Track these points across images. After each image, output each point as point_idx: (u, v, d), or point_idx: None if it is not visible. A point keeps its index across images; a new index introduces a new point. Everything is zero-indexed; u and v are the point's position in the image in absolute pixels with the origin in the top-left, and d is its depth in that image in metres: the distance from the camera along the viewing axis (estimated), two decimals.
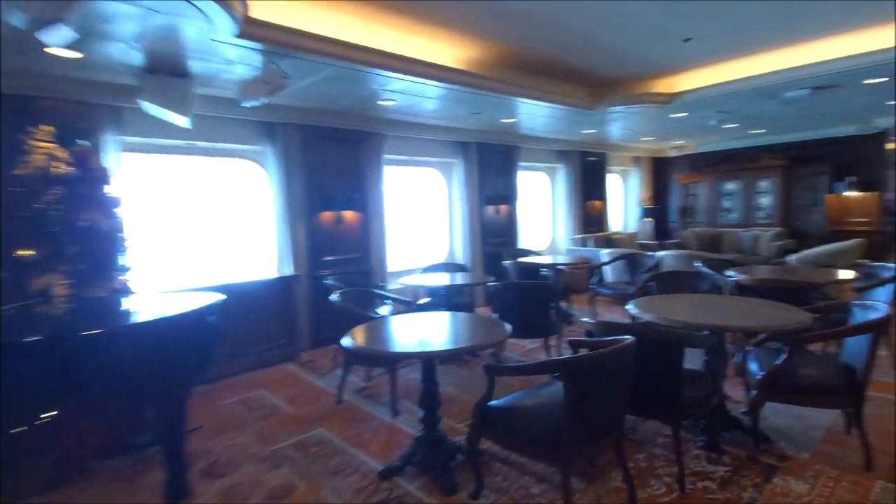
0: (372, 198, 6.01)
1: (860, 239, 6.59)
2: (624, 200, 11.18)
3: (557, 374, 2.28)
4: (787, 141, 9.58)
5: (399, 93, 4.83)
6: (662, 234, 11.04)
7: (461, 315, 3.32)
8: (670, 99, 5.95)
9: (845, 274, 4.19)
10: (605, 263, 6.19)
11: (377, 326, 2.92)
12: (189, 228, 4.99)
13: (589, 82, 5.78)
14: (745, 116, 7.41)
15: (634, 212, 11.15)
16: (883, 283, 4.10)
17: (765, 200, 9.83)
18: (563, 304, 4.99)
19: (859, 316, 3.01)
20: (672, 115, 6.79)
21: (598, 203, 9.59)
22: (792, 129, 9.09)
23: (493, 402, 2.43)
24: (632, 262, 6.12)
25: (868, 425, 2.72)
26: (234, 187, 5.31)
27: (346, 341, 2.61)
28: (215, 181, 5.16)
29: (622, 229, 10.76)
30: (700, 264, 5.12)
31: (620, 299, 6.49)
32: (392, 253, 6.40)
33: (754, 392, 2.88)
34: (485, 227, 7.42)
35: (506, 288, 4.06)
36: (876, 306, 2.84)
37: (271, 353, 4.86)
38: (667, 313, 3.02)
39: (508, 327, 2.77)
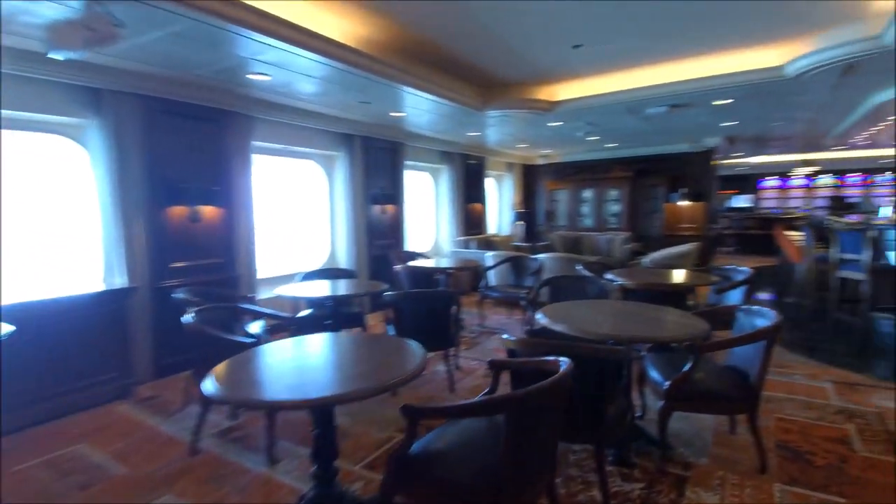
0: (238, 191, 5.00)
1: (696, 243, 7.37)
2: (498, 204, 11.40)
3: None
4: (634, 155, 10.61)
5: (274, 66, 3.99)
6: (532, 236, 11.49)
7: (357, 337, 2.73)
8: (551, 107, 5.99)
9: (709, 277, 4.49)
10: (492, 266, 6.03)
11: (248, 361, 2.18)
12: None
13: (479, 82, 5.54)
14: (607, 129, 7.90)
15: (508, 215, 11.43)
16: (737, 285, 4.46)
17: (615, 207, 10.76)
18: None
19: (742, 320, 3.12)
20: (550, 124, 6.92)
21: (478, 206, 9.56)
22: (639, 144, 10.06)
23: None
24: (516, 265, 6.05)
25: (745, 423, 2.78)
26: (40, 171, 3.94)
27: (207, 386, 1.86)
28: (10, 162, 3.75)
29: (497, 232, 10.95)
30: (581, 267, 5.18)
31: (507, 302, 6.41)
32: (263, 257, 5.44)
33: (661, 402, 2.78)
34: (371, 227, 6.80)
35: (405, 298, 3.55)
36: (762, 311, 2.93)
37: (95, 391, 3.65)
38: (579, 324, 2.81)
39: (419, 351, 2.27)
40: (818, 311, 5.63)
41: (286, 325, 3.99)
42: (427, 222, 8.78)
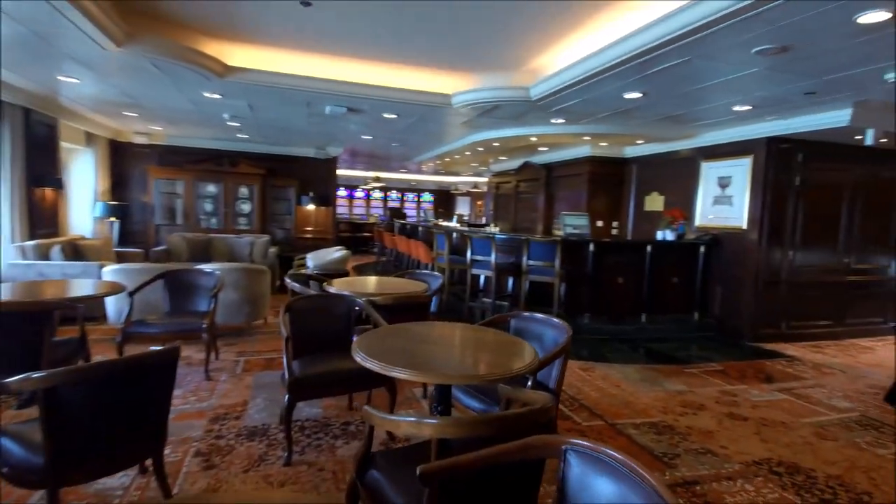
0: None
1: (343, 247, 7.37)
2: (70, 191, 7.78)
3: None
4: (265, 152, 9.68)
5: None
6: (130, 238, 8.53)
7: None
8: (225, 72, 4.49)
9: (422, 284, 4.44)
10: (141, 287, 3.83)
11: None
12: None
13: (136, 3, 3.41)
14: (264, 119, 6.75)
15: (89, 209, 7.98)
16: (436, 293, 4.61)
17: (245, 206, 9.51)
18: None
19: (517, 325, 3.11)
20: (206, 93, 5.19)
21: (50, 192, 6.14)
22: (271, 141, 9.23)
23: None
24: (175, 283, 4.15)
25: None
26: None
27: None
28: None
29: (78, 231, 7.46)
30: (290, 280, 4.12)
31: (169, 339, 4.32)
32: None
33: None
34: None
35: (79, 378, 1.56)
36: (534, 317, 3.01)
37: None
38: (438, 366, 2.11)
39: None
40: (455, 301, 6.70)
41: None
42: None
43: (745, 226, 6.16)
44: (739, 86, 4.17)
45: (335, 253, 6.94)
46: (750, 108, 4.92)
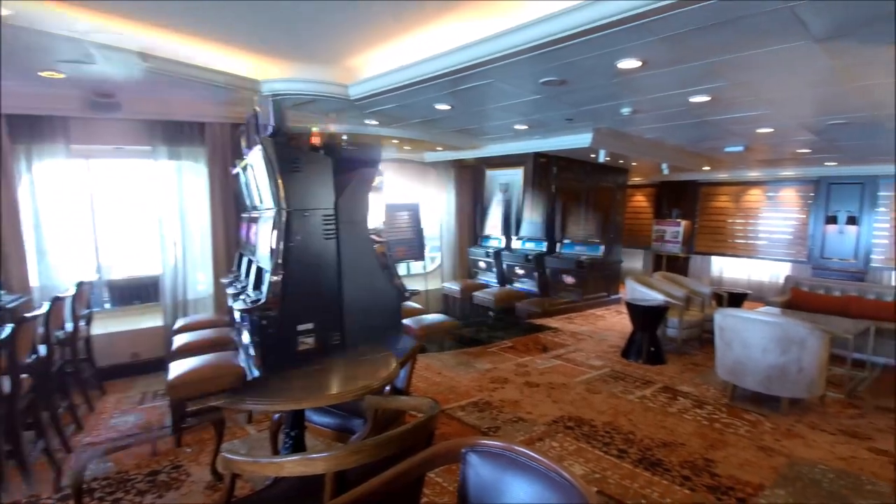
0: None
1: None
2: None
3: None
4: None
5: None
6: None
7: None
8: None
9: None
10: None
11: None
12: None
13: None
14: None
15: None
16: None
17: None
18: None
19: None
20: None
21: None
22: None
23: None
24: None
25: None
26: None
27: None
28: None
29: None
30: None
31: None
32: None
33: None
34: None
35: None
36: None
37: None
38: (274, 389, 1.84)
39: None
40: None
41: None
42: None
43: None
44: (523, 108, 4.87)
45: None
46: (526, 127, 5.80)
